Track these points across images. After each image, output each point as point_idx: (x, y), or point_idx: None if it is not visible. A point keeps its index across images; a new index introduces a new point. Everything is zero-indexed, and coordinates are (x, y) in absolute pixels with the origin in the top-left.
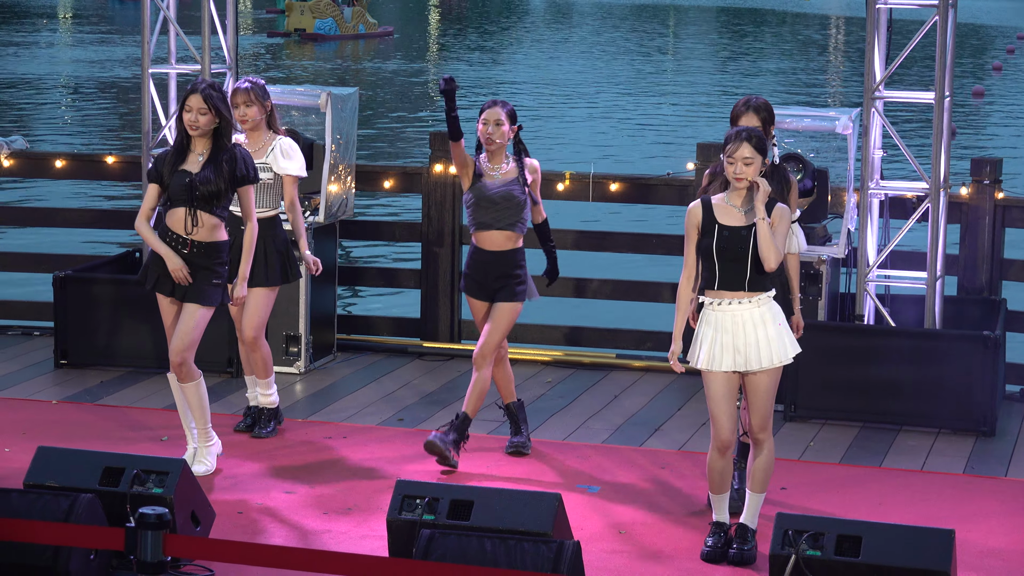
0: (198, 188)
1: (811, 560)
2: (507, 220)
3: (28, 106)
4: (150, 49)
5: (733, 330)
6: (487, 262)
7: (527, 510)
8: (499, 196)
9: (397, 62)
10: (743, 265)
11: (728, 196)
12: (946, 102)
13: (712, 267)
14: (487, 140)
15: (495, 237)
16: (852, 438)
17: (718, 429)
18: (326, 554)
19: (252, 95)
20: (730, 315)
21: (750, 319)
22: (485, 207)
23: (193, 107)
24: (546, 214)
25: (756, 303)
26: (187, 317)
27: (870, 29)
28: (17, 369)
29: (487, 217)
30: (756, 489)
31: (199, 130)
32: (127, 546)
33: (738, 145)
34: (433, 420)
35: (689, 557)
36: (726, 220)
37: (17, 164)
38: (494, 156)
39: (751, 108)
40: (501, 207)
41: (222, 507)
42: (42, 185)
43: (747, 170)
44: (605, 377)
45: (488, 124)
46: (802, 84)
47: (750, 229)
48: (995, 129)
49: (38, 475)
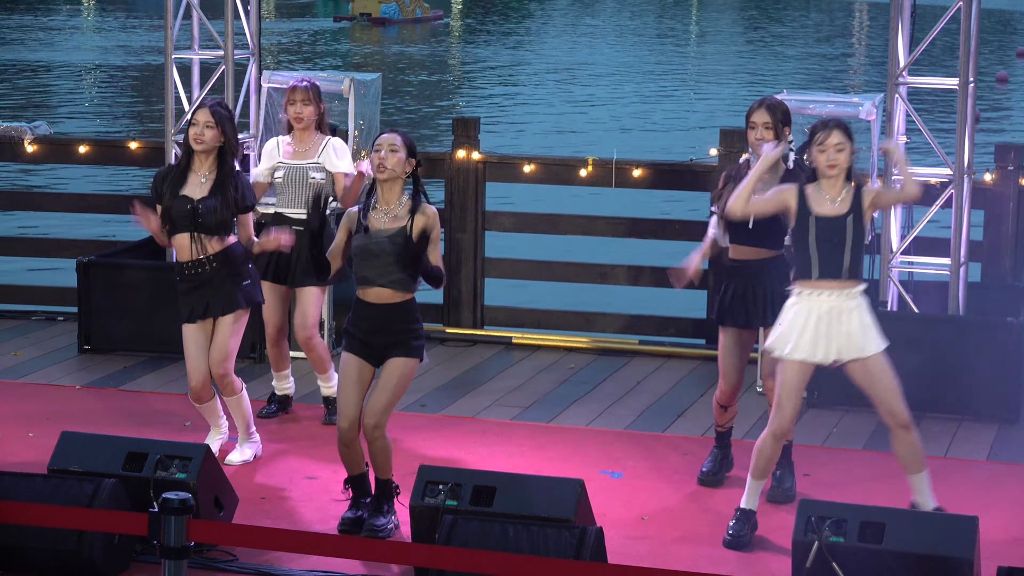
0: (201, 216)
1: (834, 546)
2: (391, 276)
3: (51, 92)
4: (173, 34)
5: (828, 319)
6: (367, 316)
7: (550, 496)
8: (380, 248)
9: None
10: (841, 255)
11: (821, 187)
12: (970, 88)
13: (809, 258)
14: (378, 167)
15: (381, 293)
16: (875, 425)
17: (781, 416)
18: (348, 539)
19: (311, 94)
20: (827, 305)
21: (846, 309)
22: (365, 259)
23: (200, 121)
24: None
25: (851, 295)
26: (223, 329)
27: (894, 15)
28: (41, 355)
29: (369, 271)
30: (913, 470)
31: (204, 145)
32: (150, 531)
33: (828, 133)
34: (455, 406)
35: (712, 543)
36: (821, 210)
37: (40, 149)
38: (387, 191)
39: (765, 106)
40: (383, 260)
41: (245, 492)
42: (65, 170)
43: (839, 156)
44: (628, 363)
45: (381, 149)
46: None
47: (846, 218)
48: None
49: (62, 460)
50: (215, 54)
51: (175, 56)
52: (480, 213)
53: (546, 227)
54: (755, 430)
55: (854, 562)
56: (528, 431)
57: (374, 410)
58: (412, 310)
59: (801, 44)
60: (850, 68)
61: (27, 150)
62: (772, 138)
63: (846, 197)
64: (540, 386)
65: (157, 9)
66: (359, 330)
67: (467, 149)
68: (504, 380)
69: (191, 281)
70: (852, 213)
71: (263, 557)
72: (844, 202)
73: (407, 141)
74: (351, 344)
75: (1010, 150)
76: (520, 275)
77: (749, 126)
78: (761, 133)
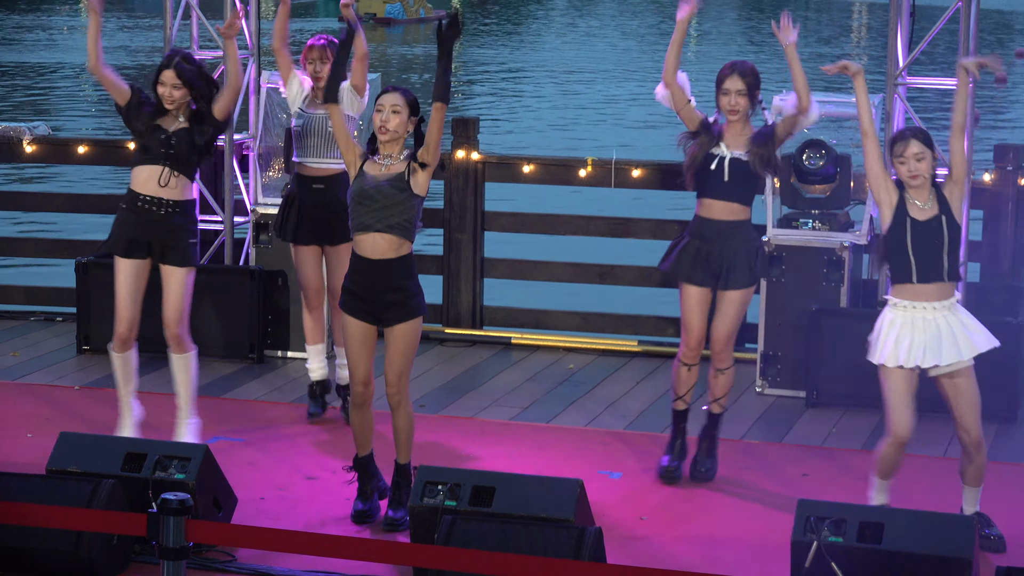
0: (174, 147)
1: (833, 546)
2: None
3: (50, 92)
4: (172, 35)
5: (925, 326)
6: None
7: (549, 496)
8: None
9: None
10: (939, 256)
11: (909, 194)
12: (969, 88)
13: (908, 261)
14: (380, 128)
15: (377, 242)
16: (874, 424)
17: (897, 424)
18: (347, 540)
19: (329, 51)
20: (922, 313)
21: (942, 314)
22: (363, 203)
23: (167, 82)
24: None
25: (949, 305)
26: (176, 283)
27: (893, 15)
28: (40, 355)
29: (367, 216)
30: (971, 483)
31: (174, 104)
32: (149, 531)
33: (906, 144)
34: (454, 406)
35: (712, 543)
36: (916, 215)
37: (39, 150)
38: (387, 147)
39: (736, 71)
40: (381, 204)
41: (244, 493)
42: (64, 171)
43: (920, 166)
44: (627, 364)
45: (383, 110)
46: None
47: (940, 219)
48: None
49: (60, 461)
50: (214, 54)
51: None
52: (479, 213)
53: (545, 227)
54: (754, 431)
55: (853, 562)
56: (527, 431)
57: (392, 379)
58: (409, 266)
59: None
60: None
61: (26, 150)
62: (745, 104)
63: (932, 201)
64: (539, 386)
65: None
66: (356, 286)
67: (466, 149)
68: (503, 380)
69: (141, 214)
70: (943, 214)
71: (262, 558)
72: (932, 205)
73: (409, 100)
74: (349, 304)
75: (1009, 150)
76: (519, 275)
77: (722, 92)
78: (735, 99)
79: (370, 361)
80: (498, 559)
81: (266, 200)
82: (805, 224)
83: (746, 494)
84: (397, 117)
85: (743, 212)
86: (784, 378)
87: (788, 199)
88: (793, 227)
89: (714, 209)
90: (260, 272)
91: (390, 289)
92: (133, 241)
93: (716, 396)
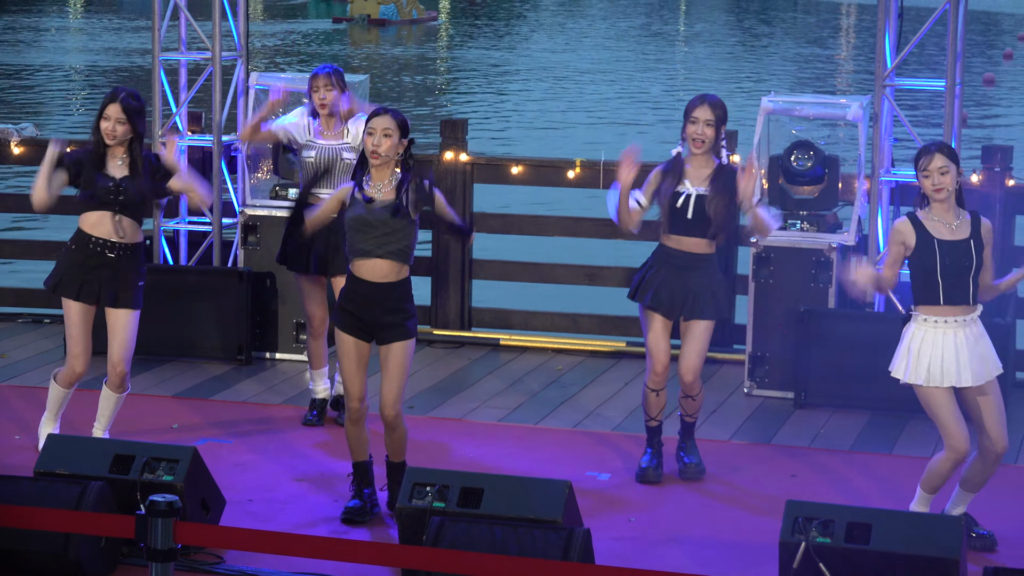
0: (123, 195)
1: (821, 547)
2: (390, 247)
3: (38, 93)
4: (160, 36)
5: (956, 345)
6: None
7: (537, 497)
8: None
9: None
10: (966, 279)
11: (932, 211)
12: (957, 89)
13: (935, 284)
14: (371, 153)
15: (377, 266)
16: (862, 426)
17: (954, 439)
18: (335, 541)
19: (333, 79)
20: (951, 333)
21: (967, 334)
22: (362, 230)
23: (111, 116)
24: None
25: (973, 320)
26: (125, 325)
27: (881, 16)
28: (27, 356)
29: (366, 243)
30: (971, 489)
31: (116, 139)
32: (137, 533)
33: (931, 158)
34: (442, 408)
35: (700, 544)
36: (943, 235)
37: (27, 151)
38: (379, 171)
39: (706, 102)
40: (381, 231)
41: (232, 494)
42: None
43: (944, 179)
44: (614, 365)
45: (374, 134)
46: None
47: (968, 241)
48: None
49: (49, 463)
50: (203, 56)
51: (162, 57)
52: (468, 215)
53: (534, 228)
54: (742, 432)
55: (841, 563)
56: (515, 433)
57: (390, 400)
58: (407, 289)
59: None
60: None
61: (13, 152)
62: (712, 136)
63: (963, 223)
64: (527, 388)
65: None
66: (354, 305)
67: (455, 151)
68: (491, 382)
69: (93, 257)
70: (972, 239)
71: (250, 559)
72: (962, 227)
73: (399, 121)
74: (344, 321)
75: (997, 151)
76: (507, 277)
77: (690, 120)
78: (702, 129)
79: (364, 378)
80: (486, 560)
81: (254, 202)
82: (793, 225)
83: (734, 495)
84: (388, 140)
85: (708, 247)
86: (772, 379)
87: (776, 200)
88: (781, 228)
89: (682, 243)
90: (249, 274)
91: (389, 311)
92: (84, 284)
93: (688, 413)
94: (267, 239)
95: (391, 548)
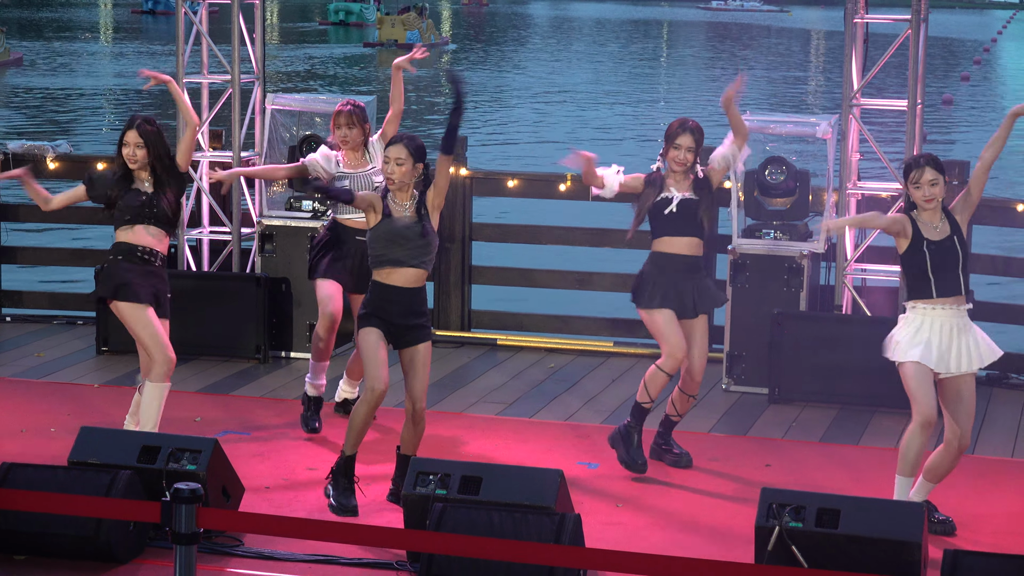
0: (155, 207)
1: (794, 531)
2: (422, 256)
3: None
4: (184, 60)
5: (940, 333)
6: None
7: (532, 485)
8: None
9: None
10: (955, 272)
11: (920, 216)
12: (918, 109)
13: (927, 280)
14: (388, 180)
15: (408, 274)
16: (831, 419)
17: (921, 405)
18: (345, 525)
19: (354, 118)
20: (939, 321)
21: (955, 325)
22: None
23: (130, 143)
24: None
25: (962, 311)
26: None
27: (848, 42)
28: (62, 356)
29: (400, 253)
30: (933, 480)
31: (137, 164)
32: (163, 518)
33: (921, 171)
34: (444, 403)
35: (681, 528)
36: (931, 236)
37: (62, 166)
38: (398, 195)
39: (687, 129)
40: (414, 244)
41: (251, 482)
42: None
43: (934, 191)
44: (604, 363)
45: (389, 162)
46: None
47: (953, 239)
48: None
49: (81, 453)
50: (223, 78)
51: (186, 80)
52: (467, 225)
53: (528, 237)
54: (720, 424)
55: (812, 545)
56: (512, 425)
57: (420, 395)
58: (425, 295)
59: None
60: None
61: (49, 167)
62: (692, 159)
63: (943, 223)
64: (523, 384)
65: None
66: (384, 312)
67: (455, 166)
68: (489, 379)
69: (144, 264)
70: (954, 235)
71: (267, 542)
72: (944, 227)
73: (412, 149)
74: (373, 322)
75: (955, 166)
76: (505, 282)
77: (673, 146)
78: (684, 155)
79: (386, 365)
80: (484, 543)
81: (271, 213)
82: (767, 234)
83: (713, 483)
84: (401, 168)
85: (700, 247)
86: (748, 376)
87: (752, 211)
88: (756, 237)
89: (675, 245)
90: (265, 279)
91: (415, 314)
92: (147, 294)
93: (680, 412)
94: (283, 247)
95: (397, 532)
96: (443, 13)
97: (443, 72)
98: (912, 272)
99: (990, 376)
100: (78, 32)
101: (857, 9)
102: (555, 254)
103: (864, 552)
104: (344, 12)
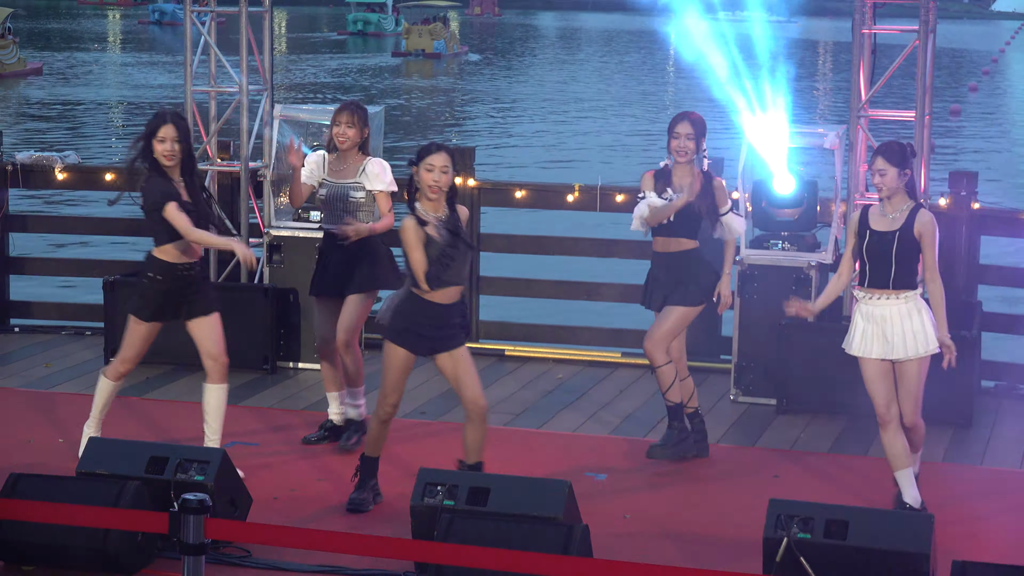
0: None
1: (802, 543)
2: (464, 273)
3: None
4: (192, 70)
5: (882, 322)
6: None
7: (539, 496)
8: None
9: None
10: (888, 265)
11: (883, 205)
12: (926, 120)
13: (864, 267)
14: (431, 187)
15: (453, 292)
16: (839, 430)
17: (875, 407)
18: (354, 536)
19: (355, 118)
20: (879, 309)
21: (897, 313)
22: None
23: (167, 137)
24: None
25: (903, 299)
26: (216, 324)
27: (856, 53)
28: (70, 366)
29: (452, 275)
30: (898, 467)
31: (175, 159)
32: (171, 529)
33: (874, 160)
34: (452, 413)
35: (690, 540)
36: (877, 226)
37: (70, 177)
38: (434, 205)
39: (686, 118)
40: (461, 263)
41: (259, 493)
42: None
43: (883, 180)
44: (611, 374)
45: (434, 170)
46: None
47: (894, 234)
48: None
49: (90, 464)
50: (230, 89)
51: (194, 90)
52: (475, 235)
53: (536, 248)
54: (728, 435)
55: (820, 557)
56: (519, 436)
57: (479, 393)
58: (465, 304)
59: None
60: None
61: (58, 177)
62: (692, 148)
63: (901, 215)
64: (530, 395)
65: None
66: (423, 327)
67: (464, 176)
68: (497, 389)
69: (178, 281)
70: (901, 231)
71: (274, 553)
72: (898, 219)
73: (455, 159)
74: (405, 339)
75: (963, 177)
76: (512, 292)
77: (673, 136)
78: (683, 143)
79: (404, 386)
80: (492, 554)
81: (278, 223)
82: (775, 245)
83: (721, 494)
84: (446, 176)
85: (691, 244)
86: (756, 387)
87: (760, 222)
88: (764, 248)
89: (669, 244)
90: (273, 290)
91: (456, 325)
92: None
93: (684, 399)
94: (290, 258)
95: (405, 543)
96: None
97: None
98: (857, 257)
99: (998, 387)
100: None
101: (865, 20)
102: (563, 264)
103: (872, 563)
104: (362, 22)
